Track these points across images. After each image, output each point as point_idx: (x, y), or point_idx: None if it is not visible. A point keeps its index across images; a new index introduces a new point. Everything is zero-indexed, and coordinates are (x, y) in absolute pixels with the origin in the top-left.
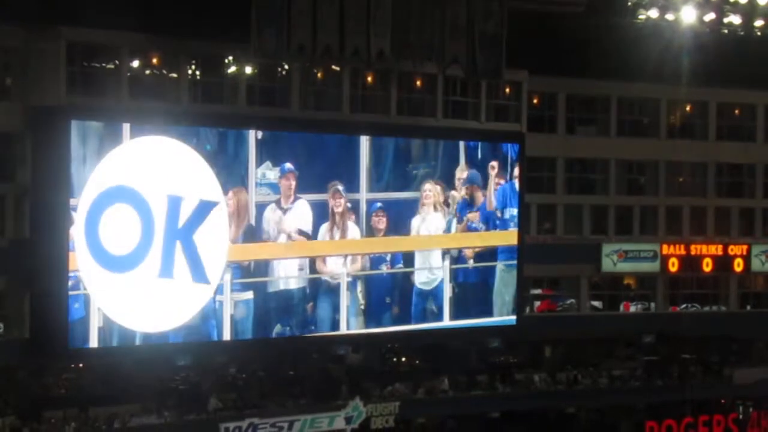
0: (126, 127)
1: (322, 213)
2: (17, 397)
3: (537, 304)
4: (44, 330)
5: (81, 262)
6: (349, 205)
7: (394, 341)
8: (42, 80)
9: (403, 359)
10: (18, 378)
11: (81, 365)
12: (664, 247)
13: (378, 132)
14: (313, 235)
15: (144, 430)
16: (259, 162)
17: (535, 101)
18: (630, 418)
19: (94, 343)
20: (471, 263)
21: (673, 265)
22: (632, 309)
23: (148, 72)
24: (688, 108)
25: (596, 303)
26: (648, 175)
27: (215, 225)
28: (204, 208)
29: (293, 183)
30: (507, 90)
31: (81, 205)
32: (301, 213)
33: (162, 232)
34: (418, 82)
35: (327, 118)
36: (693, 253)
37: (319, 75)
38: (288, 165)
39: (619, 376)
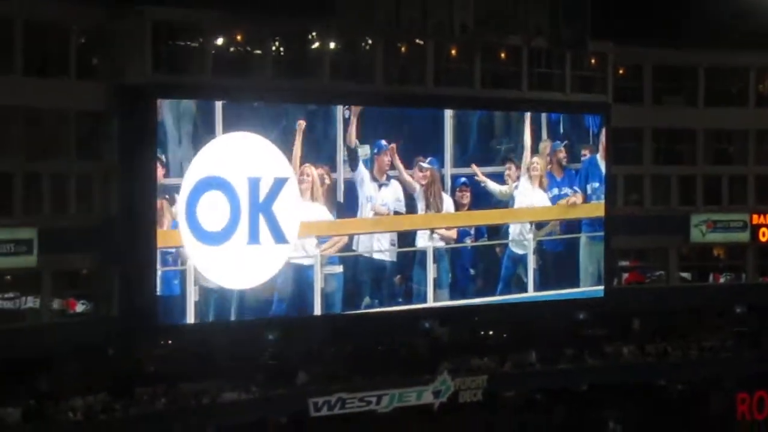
0: (218, 106)
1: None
2: (108, 375)
3: (625, 276)
4: (134, 307)
5: (184, 238)
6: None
7: (480, 314)
8: (127, 59)
9: (491, 332)
10: (108, 355)
11: (170, 342)
12: (754, 217)
13: (462, 105)
14: (407, 210)
15: (232, 405)
16: (346, 139)
17: (621, 72)
18: (721, 390)
19: (191, 318)
20: (556, 236)
21: (764, 235)
22: (722, 280)
23: (232, 49)
24: None
25: (685, 274)
26: (737, 144)
27: (288, 195)
28: (278, 184)
29: (388, 159)
30: (592, 61)
31: (181, 190)
32: (394, 190)
33: (247, 208)
34: (503, 55)
35: (411, 92)
36: None
37: (402, 49)
38: (383, 142)
39: (709, 347)
